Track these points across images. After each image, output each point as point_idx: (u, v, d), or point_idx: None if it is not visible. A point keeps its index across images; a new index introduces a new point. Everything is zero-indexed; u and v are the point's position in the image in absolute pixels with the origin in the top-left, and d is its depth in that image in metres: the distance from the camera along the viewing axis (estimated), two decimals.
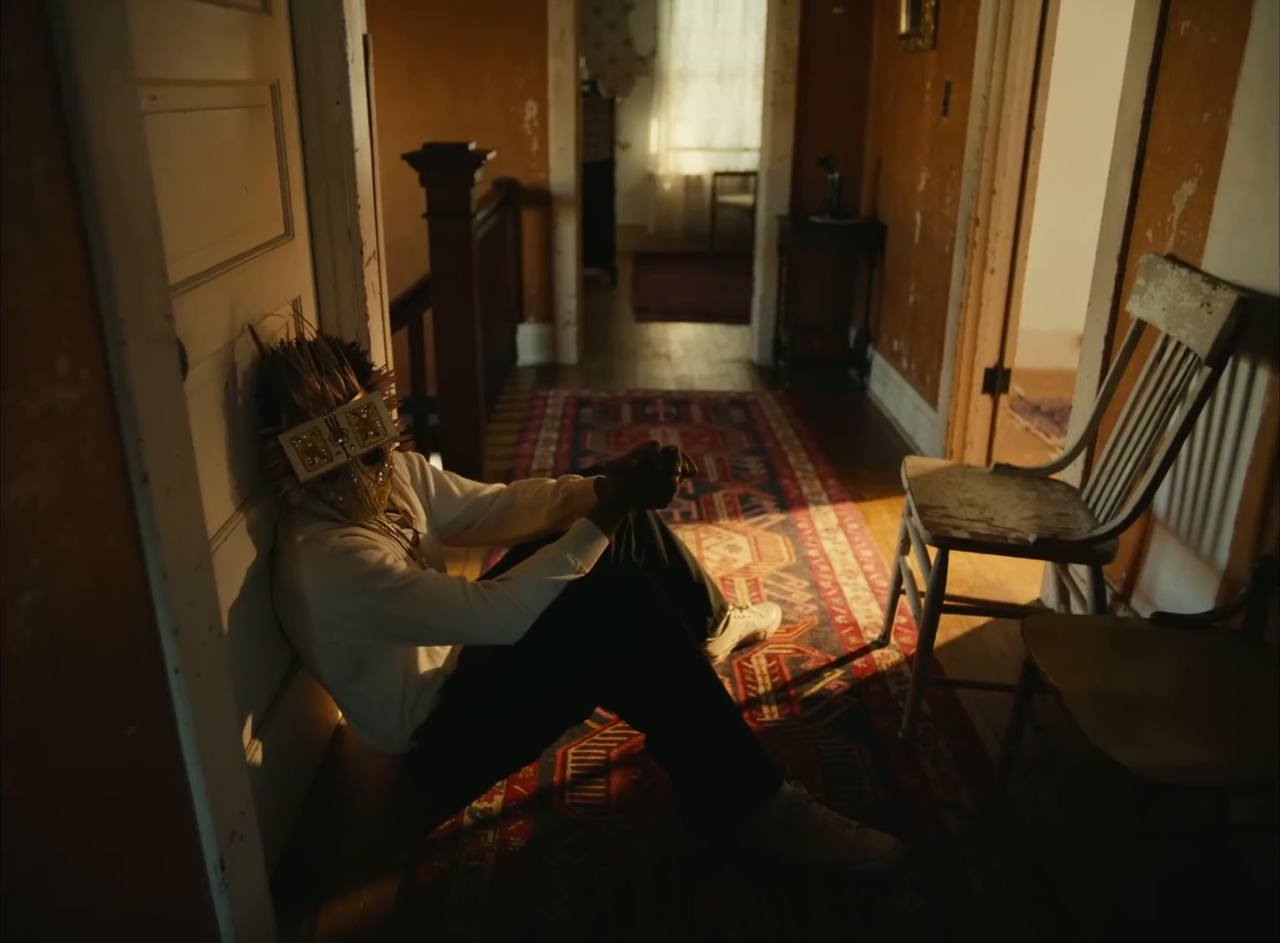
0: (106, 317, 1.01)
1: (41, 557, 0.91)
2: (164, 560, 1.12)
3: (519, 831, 1.90)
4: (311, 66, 1.86)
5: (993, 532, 2.02)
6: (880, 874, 1.78)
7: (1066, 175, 3.96)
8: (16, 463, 0.87)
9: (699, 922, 1.69)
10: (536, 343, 5.19)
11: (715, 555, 3.00)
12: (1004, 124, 3.22)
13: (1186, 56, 2.10)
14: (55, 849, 0.95)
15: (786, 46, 4.77)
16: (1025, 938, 1.67)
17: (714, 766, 1.79)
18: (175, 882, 1.22)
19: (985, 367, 3.48)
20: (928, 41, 3.87)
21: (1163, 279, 2.09)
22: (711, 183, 8.81)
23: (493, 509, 2.10)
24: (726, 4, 8.41)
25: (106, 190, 0.99)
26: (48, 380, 0.92)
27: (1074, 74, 3.66)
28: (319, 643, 1.75)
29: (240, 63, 1.61)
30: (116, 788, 1.07)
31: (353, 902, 1.74)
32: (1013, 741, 1.80)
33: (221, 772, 1.28)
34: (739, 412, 4.44)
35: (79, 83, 0.93)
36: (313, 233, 1.96)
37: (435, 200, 3.07)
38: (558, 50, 4.74)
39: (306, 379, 1.64)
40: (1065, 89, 3.58)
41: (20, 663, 0.88)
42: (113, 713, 1.06)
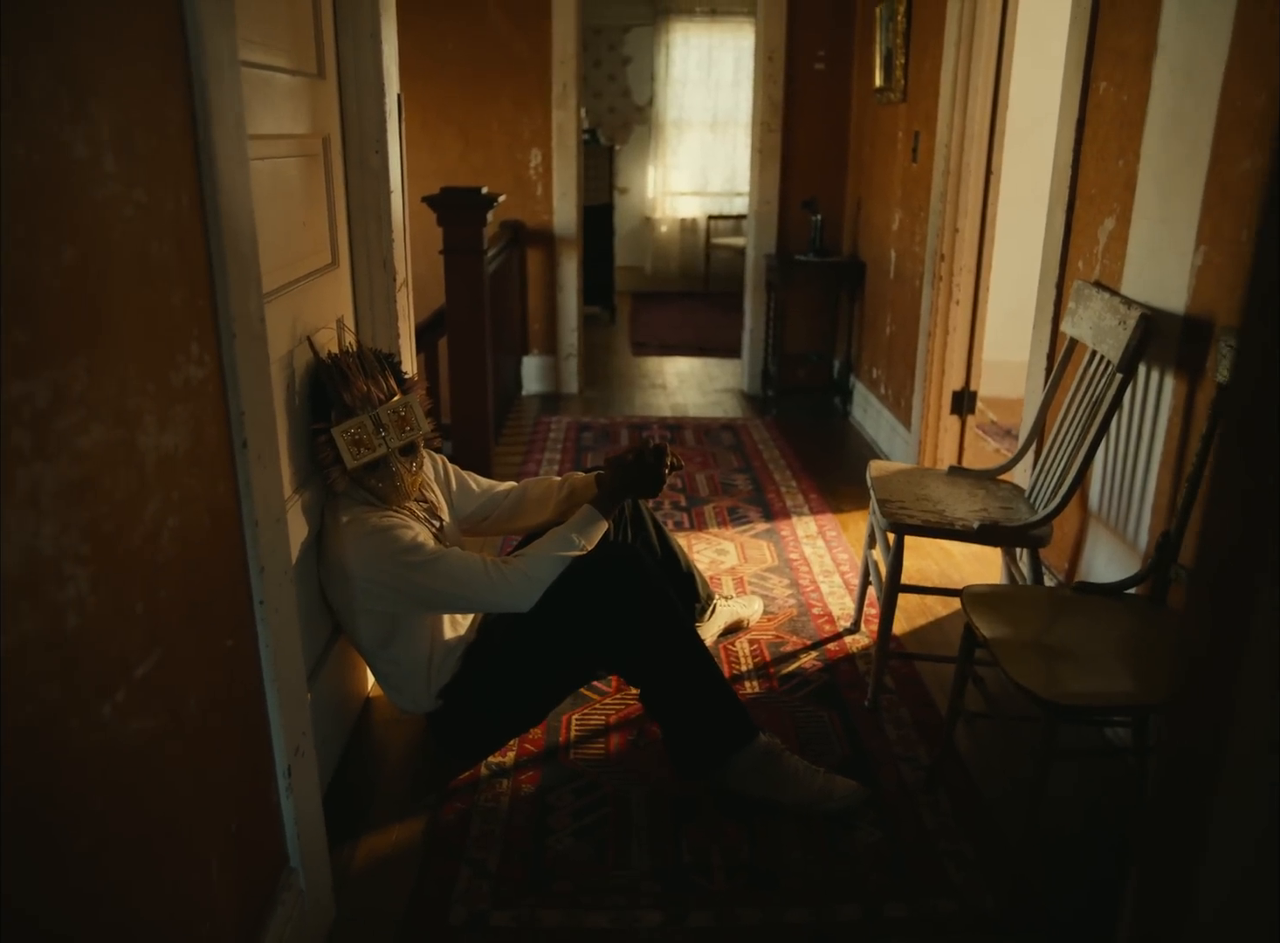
0: (222, 315, 1.32)
1: (180, 492, 1.21)
2: (255, 511, 1.42)
3: (529, 780, 2.17)
4: (355, 122, 2.20)
5: (942, 520, 2.32)
6: (844, 812, 2.05)
7: (1032, 216, 4.30)
8: (167, 418, 1.17)
9: (686, 849, 1.97)
10: (540, 374, 5.51)
11: (704, 558, 3.29)
12: (964, 169, 3.56)
13: (1105, 112, 2.44)
14: (180, 719, 1.23)
15: (772, 99, 5.14)
16: (968, 862, 1.94)
17: (698, 716, 2.07)
18: (257, 777, 1.50)
19: (953, 389, 3.80)
20: (899, 95, 4.24)
21: (1090, 302, 2.40)
22: (706, 225, 9.20)
23: (506, 503, 2.40)
24: (719, 58, 8.85)
25: (225, 220, 1.30)
26: (185, 359, 1.23)
27: (1028, 126, 4.02)
28: (359, 611, 2.04)
29: (301, 119, 1.94)
30: (220, 685, 1.35)
31: (386, 835, 2.01)
32: (957, 695, 2.08)
33: (289, 693, 1.57)
34: (729, 435, 4.75)
35: (212, 139, 1.25)
36: (353, 262, 2.28)
37: (451, 239, 3.40)
38: (561, 102, 5.12)
39: (355, 381, 1.95)
40: (1023, 139, 3.95)
41: (166, 570, 1.18)
42: (218, 626, 1.35)
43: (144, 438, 1.11)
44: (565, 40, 5.04)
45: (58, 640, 0.95)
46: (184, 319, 1.22)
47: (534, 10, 5.00)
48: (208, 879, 1.31)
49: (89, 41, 1.00)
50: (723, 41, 8.83)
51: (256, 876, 1.49)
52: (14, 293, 0.87)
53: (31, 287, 0.90)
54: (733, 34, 8.75)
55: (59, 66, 0.94)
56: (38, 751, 0.92)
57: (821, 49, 5.09)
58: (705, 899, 1.84)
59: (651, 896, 1.84)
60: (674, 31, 8.80)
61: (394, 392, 2.02)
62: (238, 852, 1.40)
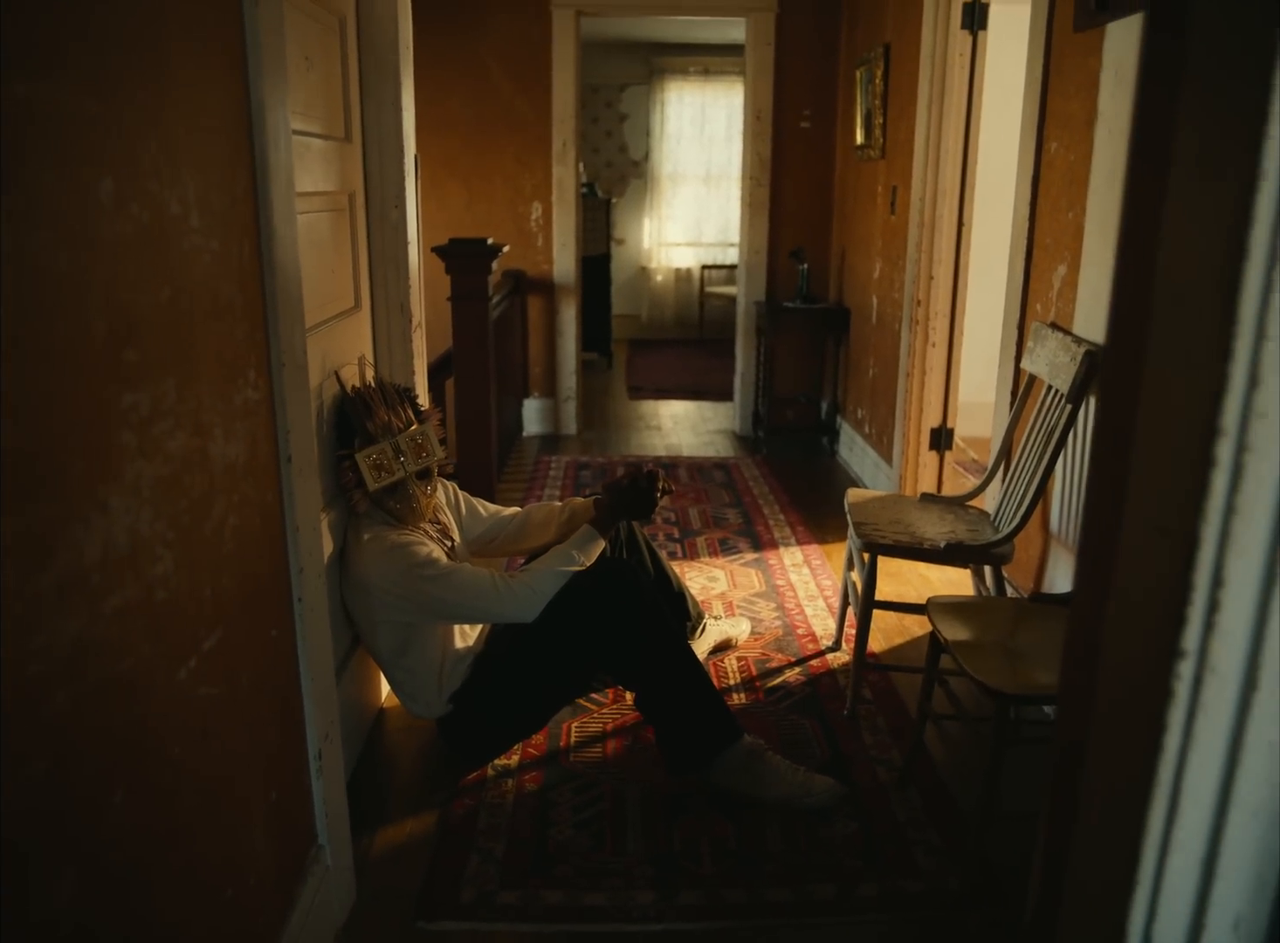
0: (273, 347, 1.53)
1: (239, 496, 1.42)
2: (296, 517, 1.62)
3: (533, 780, 2.35)
4: (377, 180, 2.44)
5: (913, 540, 2.53)
6: (823, 807, 2.23)
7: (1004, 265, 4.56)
8: (230, 433, 1.39)
9: (677, 839, 2.14)
10: (540, 415, 5.74)
11: (696, 585, 3.48)
12: (938, 221, 3.82)
13: (1055, 170, 2.69)
14: (235, 692, 1.43)
15: (761, 155, 5.43)
16: (935, 849, 2.11)
17: (688, 717, 2.25)
18: (292, 756, 1.69)
19: (931, 427, 4.02)
20: (878, 152, 4.51)
21: (1046, 341, 2.63)
22: (700, 275, 9.51)
23: (512, 526, 2.60)
24: (711, 115, 9.21)
25: (277, 267, 1.52)
26: (245, 384, 1.44)
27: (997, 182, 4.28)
28: (378, 622, 2.24)
29: (332, 178, 2.17)
30: (265, 669, 1.55)
31: (400, 827, 2.19)
32: (925, 698, 2.27)
33: (320, 683, 1.76)
34: (721, 473, 4.97)
35: (269, 198, 1.47)
36: (373, 305, 2.51)
37: (459, 286, 3.64)
38: (560, 159, 5.40)
39: (377, 411, 2.16)
40: (994, 194, 4.21)
41: (228, 561, 1.38)
42: (265, 616, 1.55)
43: (214, 447, 1.32)
44: (565, 100, 5.34)
45: (150, 609, 1.15)
46: (245, 349, 1.44)
47: (535, 72, 5.30)
48: (253, 838, 1.49)
49: (183, 120, 1.22)
50: (715, 99, 9.19)
51: (291, 846, 1.67)
52: (127, 321, 1.09)
53: (139, 317, 1.11)
54: (725, 92, 9.11)
55: (162, 141, 1.16)
56: (133, 698, 1.12)
57: (807, 108, 5.39)
58: (694, 881, 2.01)
59: (645, 878, 2.02)
60: (668, 90, 9.17)
61: (412, 421, 2.24)
62: (276, 821, 1.59)
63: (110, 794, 1.06)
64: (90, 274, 1.01)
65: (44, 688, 0.94)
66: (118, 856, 1.07)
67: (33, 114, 0.91)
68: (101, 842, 1.04)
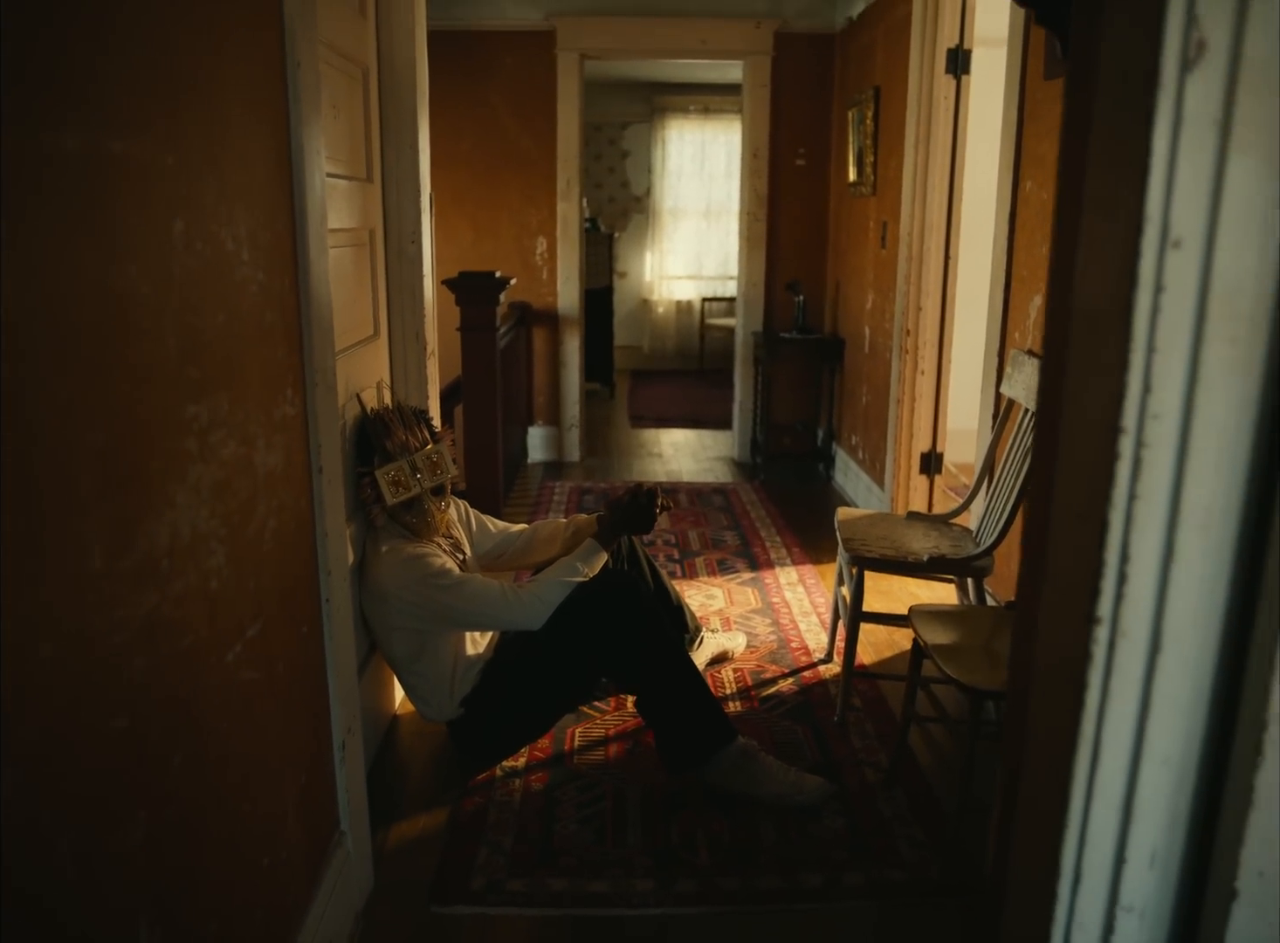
0: (308, 368, 1.70)
1: (278, 501, 1.58)
2: (325, 524, 1.78)
3: (539, 779, 2.49)
4: (395, 217, 2.61)
5: (897, 554, 2.68)
6: (813, 804, 2.36)
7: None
8: (271, 444, 1.54)
9: (674, 833, 2.27)
10: (544, 443, 5.90)
11: (694, 602, 3.62)
12: (925, 255, 4.00)
13: (1030, 207, 2.86)
14: (272, 679, 1.57)
15: (758, 192, 5.63)
16: (919, 842, 2.25)
17: (685, 719, 2.39)
18: (319, 746, 1.83)
19: (921, 451, 4.18)
20: (869, 189, 4.71)
21: (1023, 367, 2.79)
22: (700, 307, 9.71)
23: (519, 541, 2.76)
24: (711, 152, 9.46)
25: (312, 296, 1.68)
26: (283, 400, 1.60)
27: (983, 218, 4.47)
28: (394, 628, 2.38)
29: (355, 216, 2.35)
30: (297, 661, 1.70)
31: (414, 822, 2.32)
32: (909, 701, 2.41)
33: (344, 679, 1.91)
34: (720, 498, 5.12)
35: (306, 234, 1.64)
36: (390, 334, 2.68)
37: (468, 318, 3.82)
38: (564, 195, 5.61)
39: (395, 431, 2.32)
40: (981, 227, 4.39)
41: (268, 560, 1.53)
42: (298, 613, 1.70)
43: (257, 456, 1.48)
44: (568, 139, 5.55)
45: (206, 596, 1.30)
46: (284, 370, 1.60)
47: (540, 112, 5.52)
48: (285, 815, 1.63)
49: (237, 167, 1.39)
50: (715, 137, 9.44)
51: (317, 829, 1.81)
52: (191, 343, 1.25)
53: (199, 339, 1.28)
54: (724, 130, 9.36)
55: (221, 186, 1.33)
56: (192, 672, 1.27)
57: (802, 147, 5.60)
58: (691, 871, 2.15)
59: (644, 868, 2.15)
60: (669, 127, 9.42)
61: (427, 441, 2.40)
62: (305, 803, 1.73)
63: (171, 755, 1.21)
64: (165, 301, 1.17)
65: (124, 655, 1.09)
66: (175, 810, 1.22)
67: (126, 168, 1.08)
68: (165, 795, 1.19)
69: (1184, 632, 1.01)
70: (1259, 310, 0.93)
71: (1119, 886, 1.10)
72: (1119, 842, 1.08)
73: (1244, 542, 0.99)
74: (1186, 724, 1.04)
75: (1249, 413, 0.96)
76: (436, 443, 2.42)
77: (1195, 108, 0.89)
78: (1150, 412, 0.96)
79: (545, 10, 5.38)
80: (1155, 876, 1.09)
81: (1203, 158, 0.90)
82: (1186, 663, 1.02)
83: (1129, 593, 1.01)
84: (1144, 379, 0.95)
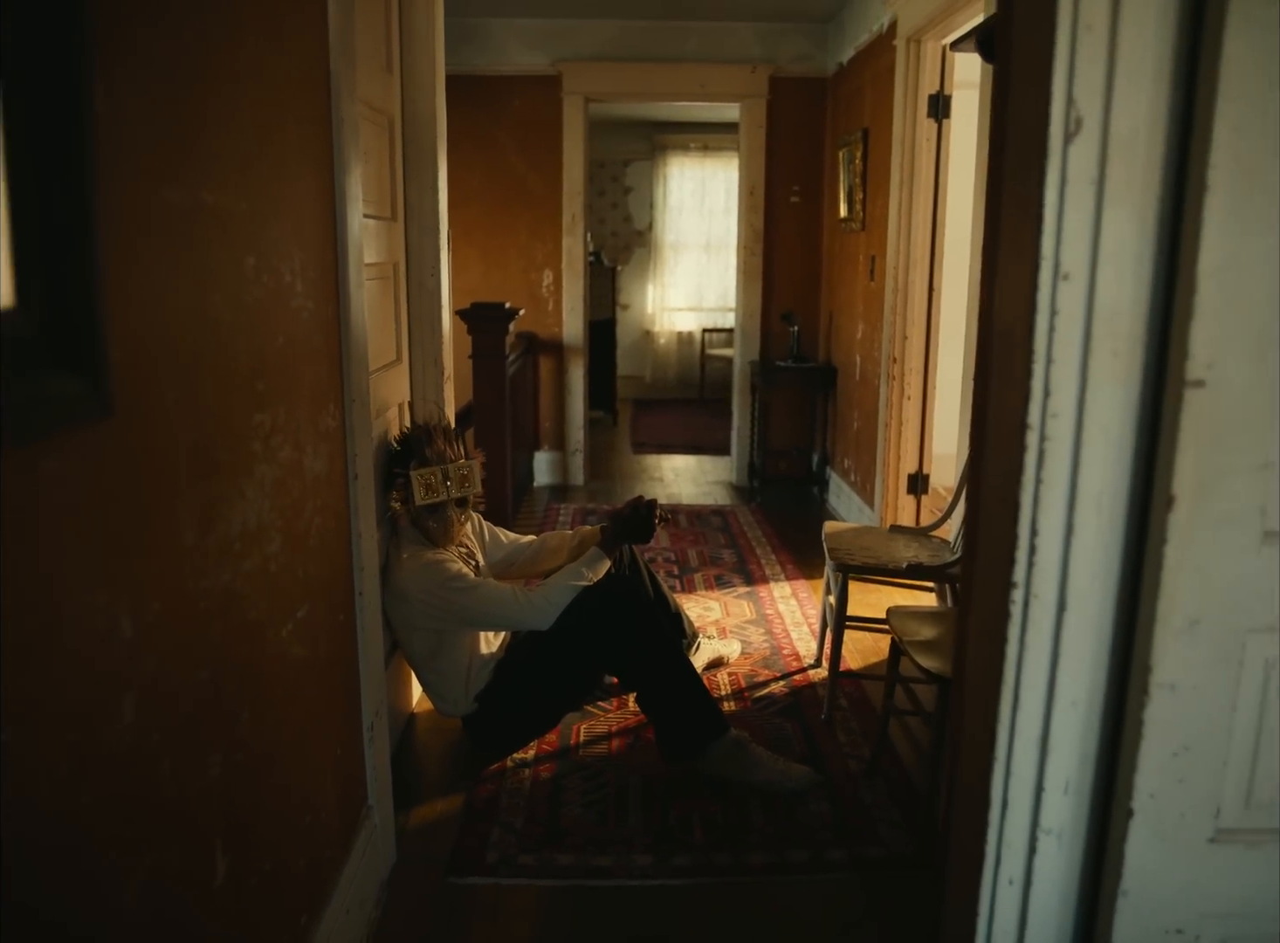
0: (346, 387, 1.92)
1: (321, 501, 1.80)
2: (360, 524, 2.00)
3: (547, 770, 2.69)
4: (417, 252, 2.85)
5: (878, 562, 2.89)
6: (800, 790, 2.56)
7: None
8: (317, 451, 1.77)
9: (672, 815, 2.47)
10: (550, 467, 6.13)
11: (692, 613, 3.82)
12: (910, 287, 4.24)
13: None
14: (316, 657, 1.79)
15: (754, 227, 5.90)
16: (896, 823, 2.44)
17: (682, 712, 2.60)
18: (351, 724, 2.04)
19: (908, 472, 4.40)
20: (859, 225, 4.97)
21: None
22: (701, 338, 9.98)
23: (529, 551, 2.98)
24: (711, 188, 9.77)
25: (350, 323, 1.92)
26: (326, 414, 1.83)
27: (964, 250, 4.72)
28: (414, 628, 2.60)
29: (382, 251, 2.59)
30: (335, 644, 1.91)
31: (431, 807, 2.52)
32: (888, 695, 2.61)
33: (372, 667, 2.12)
34: (718, 519, 5.34)
35: (347, 269, 1.87)
36: (411, 359, 2.91)
37: (480, 346, 4.06)
38: (569, 230, 5.87)
39: (436, 440, 2.55)
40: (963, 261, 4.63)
41: (313, 552, 1.75)
42: (336, 602, 1.91)
43: (307, 460, 1.71)
44: (573, 176, 5.82)
45: (267, 577, 1.52)
46: (328, 386, 1.83)
47: (546, 151, 5.80)
48: (325, 782, 1.84)
49: (293, 211, 1.63)
50: (715, 173, 9.75)
51: (349, 798, 2.01)
52: (258, 362, 1.48)
53: (265, 358, 1.50)
54: (724, 167, 9.67)
55: (281, 227, 1.57)
56: (256, 641, 1.48)
57: (796, 185, 5.87)
58: (687, 848, 2.34)
59: (644, 845, 2.35)
60: (670, 164, 9.73)
61: (460, 456, 2.63)
62: (340, 773, 1.93)
63: (241, 710, 1.42)
64: (240, 324, 1.40)
65: (207, 620, 1.31)
66: (243, 756, 1.43)
67: (213, 215, 1.31)
68: (234, 742, 1.40)
69: (1084, 593, 1.23)
70: (1135, 328, 1.16)
71: (1039, 811, 1.31)
72: (1038, 773, 1.29)
73: (1131, 517, 1.21)
74: (1090, 671, 1.26)
75: (1131, 412, 1.18)
76: (469, 460, 2.65)
77: (1076, 170, 1.12)
78: (1050, 411, 1.18)
79: (552, 56, 5.67)
80: (1069, 801, 1.30)
81: (1084, 209, 1.13)
82: (1088, 619, 1.24)
83: (1038, 562, 1.23)
84: (1044, 385, 1.18)
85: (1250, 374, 1.11)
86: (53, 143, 0.89)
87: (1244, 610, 1.18)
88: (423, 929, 2.08)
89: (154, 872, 1.15)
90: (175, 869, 1.21)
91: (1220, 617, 1.17)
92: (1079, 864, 1.32)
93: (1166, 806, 1.23)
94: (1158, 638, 1.18)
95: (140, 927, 1.13)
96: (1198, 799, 1.23)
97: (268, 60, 1.52)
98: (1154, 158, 1.11)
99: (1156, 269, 1.14)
